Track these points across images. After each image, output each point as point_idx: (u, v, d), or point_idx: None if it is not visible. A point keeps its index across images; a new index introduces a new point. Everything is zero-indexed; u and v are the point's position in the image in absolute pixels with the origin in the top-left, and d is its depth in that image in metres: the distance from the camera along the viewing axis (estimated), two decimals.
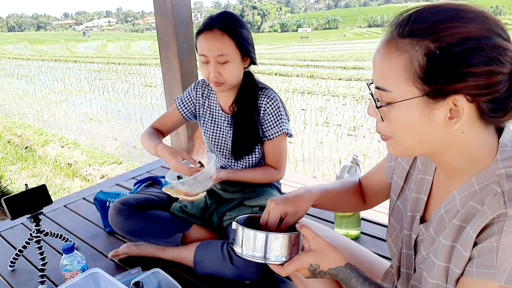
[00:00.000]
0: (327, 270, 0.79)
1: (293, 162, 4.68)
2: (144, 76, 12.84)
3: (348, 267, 0.79)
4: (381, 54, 0.67)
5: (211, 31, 1.50)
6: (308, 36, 43.59)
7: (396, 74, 0.65)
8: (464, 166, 0.70)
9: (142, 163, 4.35)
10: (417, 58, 0.62)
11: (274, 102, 1.60)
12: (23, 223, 2.10)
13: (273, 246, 0.78)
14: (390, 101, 0.67)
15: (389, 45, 0.66)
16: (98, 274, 1.22)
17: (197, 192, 1.49)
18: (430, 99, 0.63)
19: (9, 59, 21.81)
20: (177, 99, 1.79)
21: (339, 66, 13.32)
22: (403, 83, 0.64)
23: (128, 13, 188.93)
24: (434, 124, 0.65)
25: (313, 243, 0.80)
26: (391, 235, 0.93)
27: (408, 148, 0.71)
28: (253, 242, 0.79)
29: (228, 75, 1.51)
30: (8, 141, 5.76)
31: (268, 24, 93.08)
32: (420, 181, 0.84)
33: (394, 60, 0.64)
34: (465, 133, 0.65)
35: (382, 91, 0.67)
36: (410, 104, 0.65)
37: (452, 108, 0.62)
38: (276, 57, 18.34)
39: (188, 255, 1.60)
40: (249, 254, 0.80)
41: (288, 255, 0.79)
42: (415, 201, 0.84)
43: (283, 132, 1.62)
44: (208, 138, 1.76)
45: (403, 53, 0.63)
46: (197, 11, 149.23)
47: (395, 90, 0.65)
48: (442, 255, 0.70)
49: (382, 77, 0.67)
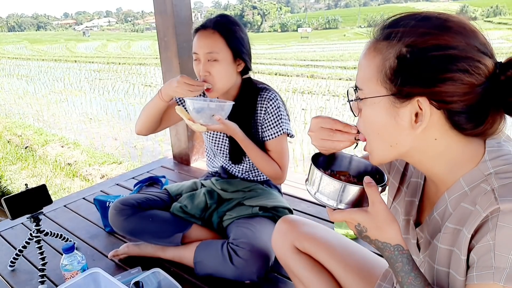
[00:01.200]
0: (373, 239, 0.74)
1: (293, 162, 4.68)
2: (144, 76, 12.84)
3: (397, 248, 0.72)
4: (362, 55, 0.72)
5: (204, 30, 1.52)
6: (308, 36, 43.58)
7: (369, 74, 0.69)
8: (445, 171, 0.71)
9: (142, 163, 4.35)
10: (389, 60, 0.66)
11: (275, 102, 1.60)
12: (23, 223, 2.10)
13: (347, 195, 0.76)
14: (360, 97, 0.72)
15: (369, 46, 0.70)
16: (98, 274, 1.22)
17: (199, 121, 1.43)
18: (396, 99, 0.66)
19: (9, 59, 21.80)
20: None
21: (339, 66, 13.33)
22: (373, 82, 0.68)
23: (128, 13, 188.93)
24: (400, 127, 0.68)
25: (371, 207, 0.74)
26: None
27: (380, 151, 0.73)
28: (329, 188, 0.77)
29: (217, 75, 1.50)
30: (8, 141, 5.76)
31: (268, 24, 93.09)
32: (413, 184, 0.85)
33: (370, 61, 0.69)
34: (438, 140, 0.67)
35: (358, 89, 0.73)
36: (377, 102, 0.68)
37: (418, 111, 0.65)
38: (276, 57, 18.34)
39: (188, 255, 1.60)
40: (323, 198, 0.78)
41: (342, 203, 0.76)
42: (409, 205, 0.85)
43: (283, 132, 1.62)
44: (208, 138, 1.76)
45: (379, 54, 0.67)
46: (197, 11, 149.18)
47: (366, 88, 0.70)
48: (441, 259, 0.70)
49: (358, 76, 0.72)
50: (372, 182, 0.74)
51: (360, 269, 1.08)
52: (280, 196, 1.78)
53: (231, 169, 1.79)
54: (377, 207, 0.73)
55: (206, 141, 1.79)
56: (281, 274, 1.60)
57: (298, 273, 1.14)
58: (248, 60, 1.58)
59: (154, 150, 5.34)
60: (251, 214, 1.65)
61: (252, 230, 1.54)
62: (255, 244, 1.48)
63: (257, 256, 1.47)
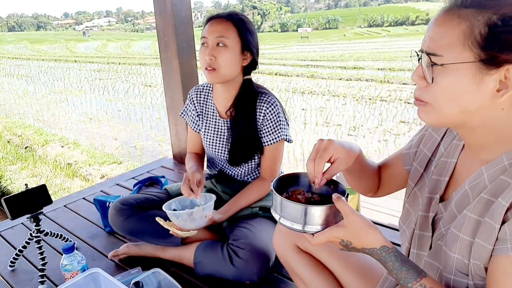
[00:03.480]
0: (360, 248, 0.77)
1: (293, 162, 4.68)
2: (144, 76, 12.84)
3: (383, 249, 0.76)
4: (439, 21, 0.70)
5: (217, 18, 1.54)
6: (308, 36, 43.56)
7: (453, 40, 0.67)
8: (495, 142, 0.72)
9: (142, 163, 4.35)
10: (478, 27, 0.65)
11: (274, 107, 1.59)
12: (23, 223, 2.10)
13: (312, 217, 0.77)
14: (442, 63, 0.69)
15: (450, 13, 0.69)
16: (98, 274, 1.22)
17: (189, 228, 1.47)
18: (483, 65, 0.65)
19: (9, 59, 21.80)
20: (186, 117, 1.81)
21: (339, 66, 13.32)
22: (458, 48, 0.67)
23: (128, 13, 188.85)
24: (481, 94, 0.67)
25: (346, 220, 0.77)
26: (405, 221, 0.93)
27: (445, 116, 0.72)
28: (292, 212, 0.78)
29: (223, 60, 1.50)
30: (8, 141, 5.76)
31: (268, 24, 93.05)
32: (442, 164, 0.86)
33: (454, 27, 0.67)
34: (504, 110, 0.68)
35: (432, 56, 0.69)
36: (461, 68, 0.67)
37: (502, 80, 0.65)
38: (276, 57, 18.33)
39: (188, 255, 1.60)
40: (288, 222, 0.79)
41: (322, 225, 0.78)
42: (434, 183, 0.86)
43: (282, 138, 1.61)
44: (207, 143, 1.75)
45: (465, 21, 0.66)
46: (197, 11, 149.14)
47: (447, 54, 0.68)
48: (467, 229, 0.71)
49: (436, 43, 0.69)
50: (340, 197, 0.78)
51: (361, 268, 1.08)
52: None
53: (231, 172, 1.79)
54: (350, 218, 0.76)
55: (206, 147, 1.78)
56: (281, 274, 1.60)
57: (299, 272, 1.14)
58: (256, 53, 1.59)
59: (154, 150, 5.34)
60: (251, 214, 1.65)
61: (252, 230, 1.54)
62: (255, 244, 1.48)
63: (257, 256, 1.46)
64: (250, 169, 1.73)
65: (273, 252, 1.54)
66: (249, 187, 1.68)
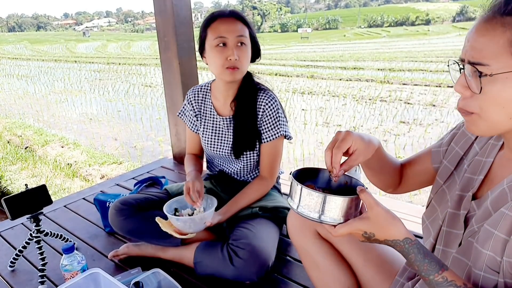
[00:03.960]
0: (383, 240, 0.78)
1: (293, 162, 4.68)
2: (144, 76, 12.84)
3: (406, 241, 0.77)
4: (481, 30, 0.69)
5: (227, 17, 1.53)
6: (308, 36, 43.59)
7: (498, 48, 0.67)
8: None
9: (142, 163, 4.35)
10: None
11: (274, 103, 1.60)
12: (23, 223, 2.10)
13: (330, 207, 0.77)
14: (488, 73, 0.68)
15: (493, 21, 0.68)
16: (98, 274, 1.22)
17: (188, 232, 1.48)
18: None
19: (9, 59, 21.80)
20: (184, 118, 1.82)
21: (339, 66, 13.33)
22: (505, 56, 0.67)
23: (128, 13, 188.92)
24: None
25: (370, 211, 0.78)
26: (429, 217, 0.93)
27: (494, 124, 0.72)
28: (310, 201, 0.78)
29: (245, 59, 1.52)
30: (8, 141, 5.76)
31: (268, 24, 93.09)
32: (476, 163, 0.86)
33: (498, 36, 0.67)
34: None
35: (477, 65, 0.69)
36: (510, 77, 0.67)
37: None
38: (276, 57, 18.34)
39: (188, 256, 1.60)
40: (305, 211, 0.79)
41: (343, 217, 0.78)
42: (466, 181, 0.86)
43: (281, 134, 1.62)
44: (207, 143, 1.75)
45: (510, 29, 0.66)
46: (197, 11, 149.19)
47: (494, 64, 0.67)
48: (504, 227, 0.71)
49: (480, 52, 0.69)
50: (364, 188, 0.78)
51: (379, 265, 1.09)
52: (280, 197, 1.77)
53: (230, 172, 1.79)
54: (375, 210, 0.77)
55: (205, 147, 1.78)
56: (281, 274, 1.59)
57: (317, 258, 1.14)
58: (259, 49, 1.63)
59: (154, 150, 5.34)
60: (251, 214, 1.65)
61: (252, 230, 1.54)
62: (255, 244, 1.48)
63: (257, 256, 1.46)
64: (249, 167, 1.74)
65: (273, 252, 1.54)
66: (248, 186, 1.68)
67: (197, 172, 1.70)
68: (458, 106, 0.75)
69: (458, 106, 0.75)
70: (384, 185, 1.07)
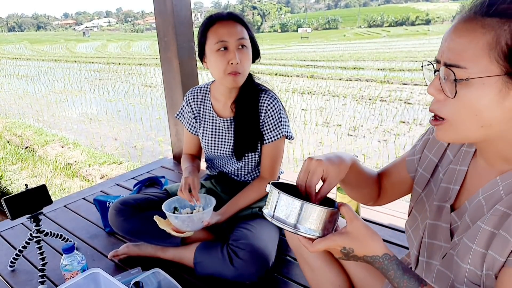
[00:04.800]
0: (361, 256, 0.76)
1: (293, 162, 4.68)
2: (144, 76, 12.84)
3: (385, 257, 0.75)
4: (460, 31, 0.65)
5: (226, 20, 1.51)
6: (308, 36, 43.58)
7: (476, 51, 0.63)
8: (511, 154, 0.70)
9: (142, 163, 4.35)
10: (505, 37, 0.61)
11: (276, 104, 1.60)
12: (23, 223, 2.10)
13: (308, 217, 0.73)
14: (465, 77, 0.64)
15: (473, 22, 0.64)
16: (98, 274, 1.22)
17: (186, 230, 1.48)
18: (509, 79, 0.62)
19: (9, 59, 21.79)
20: (182, 119, 1.81)
21: (339, 66, 13.32)
22: (484, 60, 0.63)
23: (128, 13, 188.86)
24: (505, 108, 0.64)
25: (350, 225, 0.75)
26: (411, 226, 0.92)
27: (464, 132, 0.68)
28: (288, 208, 0.74)
29: (246, 62, 1.51)
30: (8, 141, 5.76)
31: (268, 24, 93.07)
32: (451, 172, 0.83)
33: (477, 38, 0.63)
34: None
35: (454, 67, 0.65)
36: (487, 82, 0.63)
37: None
38: (276, 57, 18.33)
39: (188, 256, 1.60)
40: (281, 219, 0.75)
41: (321, 230, 0.75)
42: (443, 191, 0.84)
43: (283, 135, 1.62)
44: (207, 145, 1.75)
45: (490, 31, 0.62)
46: (197, 11, 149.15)
47: (472, 67, 0.63)
48: (481, 240, 0.69)
49: (458, 54, 0.65)
50: (345, 203, 0.77)
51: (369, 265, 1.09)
52: None
53: (230, 172, 1.79)
54: (355, 224, 0.75)
55: (205, 148, 1.77)
56: (281, 274, 1.60)
57: (310, 260, 1.14)
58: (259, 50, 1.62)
59: (154, 150, 5.34)
60: (251, 214, 1.65)
61: (252, 231, 1.54)
62: (255, 245, 1.48)
63: (257, 257, 1.46)
64: (250, 168, 1.73)
65: (273, 252, 1.54)
66: (248, 187, 1.68)
67: (194, 167, 1.69)
68: (430, 108, 0.71)
69: (430, 108, 0.71)
70: (364, 198, 1.05)
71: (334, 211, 0.75)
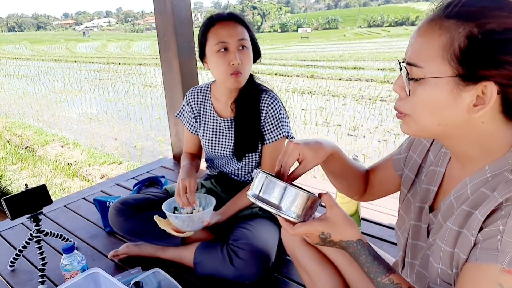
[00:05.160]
0: (337, 241, 0.80)
1: None
2: (144, 76, 12.84)
3: (359, 243, 0.79)
4: (422, 31, 0.68)
5: (226, 21, 1.50)
6: (308, 36, 43.58)
7: (433, 52, 0.65)
8: (479, 155, 0.71)
9: (142, 163, 4.35)
10: (458, 39, 0.63)
11: (277, 104, 1.60)
12: (23, 223, 2.10)
13: (291, 200, 0.78)
14: (420, 77, 0.67)
15: (433, 23, 0.66)
16: (98, 274, 1.22)
17: (186, 230, 1.48)
18: (461, 80, 0.63)
19: (9, 59, 21.79)
20: (182, 119, 1.81)
21: (339, 66, 13.32)
22: (438, 60, 0.65)
23: (128, 13, 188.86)
24: (458, 108, 0.65)
25: (329, 212, 0.80)
26: (400, 227, 0.93)
27: (425, 128, 0.71)
28: (272, 190, 0.78)
29: (247, 63, 1.51)
30: (8, 141, 5.76)
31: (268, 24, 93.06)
32: (431, 173, 0.85)
33: (435, 38, 0.65)
34: (485, 123, 0.66)
35: (413, 66, 0.68)
36: (440, 83, 0.65)
37: (479, 95, 0.63)
38: (276, 57, 18.32)
39: (188, 256, 1.60)
40: (265, 199, 0.79)
41: (302, 215, 0.79)
42: (424, 192, 0.85)
43: (283, 135, 1.62)
44: (207, 145, 1.75)
45: (446, 32, 0.64)
46: (197, 11, 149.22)
47: (427, 67, 0.66)
48: (449, 240, 0.71)
49: (416, 53, 0.68)
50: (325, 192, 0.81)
51: None
52: None
53: (230, 173, 1.79)
54: (335, 210, 0.79)
55: (205, 148, 1.77)
56: (281, 274, 1.60)
57: (305, 263, 1.15)
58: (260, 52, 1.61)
59: (154, 150, 5.34)
60: (251, 214, 1.65)
61: (252, 231, 1.54)
62: (255, 244, 1.48)
63: (257, 256, 1.46)
64: (250, 168, 1.73)
65: (273, 252, 1.54)
66: (248, 187, 1.68)
67: (192, 166, 1.69)
68: (394, 106, 0.74)
69: (394, 106, 0.74)
70: (348, 191, 1.07)
71: (315, 198, 0.80)
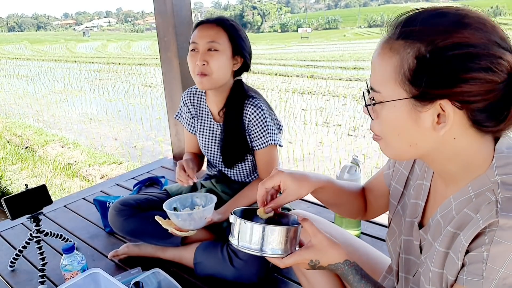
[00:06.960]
0: (326, 265, 0.81)
1: (293, 162, 4.68)
2: (144, 76, 12.84)
3: (346, 263, 0.80)
4: (376, 55, 0.67)
5: (207, 23, 1.53)
6: (308, 36, 43.60)
7: (386, 75, 0.65)
8: (458, 171, 0.69)
9: (142, 163, 4.35)
10: (407, 60, 0.62)
11: (259, 112, 1.56)
12: (23, 223, 2.10)
13: (273, 239, 0.78)
14: (379, 100, 0.67)
15: (384, 45, 0.66)
16: (98, 274, 1.22)
17: (188, 229, 1.47)
18: (417, 102, 0.63)
19: (9, 59, 21.80)
20: (181, 120, 1.81)
21: (339, 66, 13.32)
22: (391, 84, 0.64)
23: (128, 13, 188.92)
24: (421, 128, 0.64)
25: (314, 239, 0.80)
26: (390, 238, 0.93)
27: (398, 151, 0.71)
28: (251, 234, 0.78)
29: (215, 65, 1.49)
30: (8, 141, 5.76)
31: (268, 24, 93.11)
32: (418, 187, 0.84)
33: (386, 61, 0.65)
34: (457, 139, 0.65)
35: (373, 91, 0.68)
36: (397, 105, 0.64)
37: (440, 113, 0.62)
38: (276, 57, 18.34)
39: (188, 256, 1.60)
40: (245, 246, 0.79)
41: (288, 248, 0.79)
42: (413, 207, 0.84)
43: (270, 143, 1.59)
44: (203, 146, 1.75)
45: (396, 54, 0.63)
46: (197, 11, 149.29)
47: (383, 91, 0.66)
48: (437, 261, 0.70)
49: (374, 78, 0.68)
50: (306, 218, 0.81)
51: (363, 265, 1.08)
52: None
53: (229, 173, 1.79)
54: (319, 237, 0.80)
55: (202, 149, 1.78)
56: (281, 274, 1.59)
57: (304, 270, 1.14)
58: (248, 57, 1.58)
59: (154, 150, 5.34)
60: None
61: None
62: None
63: (257, 257, 1.46)
64: (247, 170, 1.73)
65: None
66: (248, 187, 1.68)
67: (192, 156, 1.71)
68: (369, 126, 0.74)
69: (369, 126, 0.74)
70: (349, 214, 1.06)
71: (296, 228, 0.80)
